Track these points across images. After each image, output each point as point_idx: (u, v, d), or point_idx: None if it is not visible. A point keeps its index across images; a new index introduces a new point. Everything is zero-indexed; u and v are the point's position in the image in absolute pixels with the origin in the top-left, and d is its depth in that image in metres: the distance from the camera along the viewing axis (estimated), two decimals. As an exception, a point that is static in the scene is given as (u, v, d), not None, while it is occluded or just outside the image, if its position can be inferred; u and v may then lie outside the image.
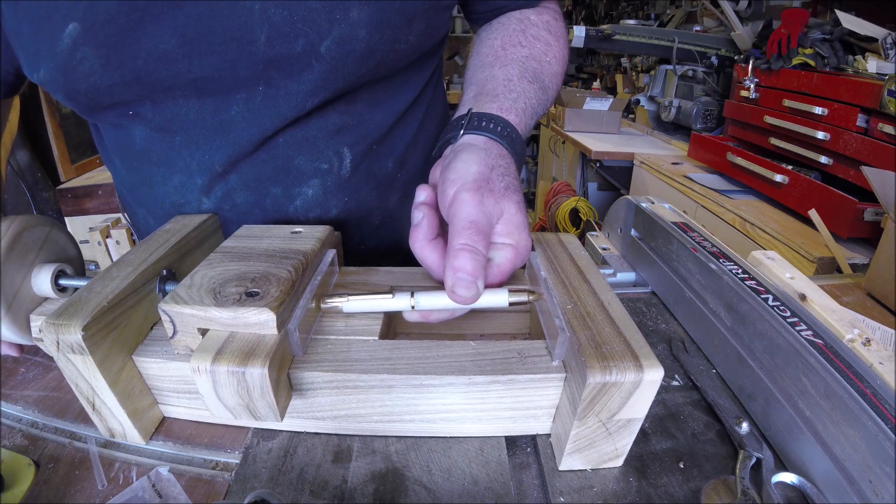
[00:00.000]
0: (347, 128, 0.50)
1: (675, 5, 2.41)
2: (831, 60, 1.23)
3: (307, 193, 0.51)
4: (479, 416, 0.35)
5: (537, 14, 0.56)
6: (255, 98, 0.45)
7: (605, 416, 0.32)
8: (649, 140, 2.08)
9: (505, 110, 0.44)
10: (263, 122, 0.46)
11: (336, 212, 0.53)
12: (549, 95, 0.52)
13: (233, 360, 0.30)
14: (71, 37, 0.40)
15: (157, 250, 0.40)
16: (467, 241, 0.33)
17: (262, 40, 0.42)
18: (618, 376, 0.30)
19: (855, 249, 1.03)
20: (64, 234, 0.44)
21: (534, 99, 0.48)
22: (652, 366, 0.30)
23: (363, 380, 0.33)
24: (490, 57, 0.51)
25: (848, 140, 1.09)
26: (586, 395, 0.30)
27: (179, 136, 0.47)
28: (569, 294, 0.38)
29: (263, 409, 0.31)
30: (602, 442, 0.33)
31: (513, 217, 0.37)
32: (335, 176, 0.51)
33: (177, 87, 0.43)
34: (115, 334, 0.33)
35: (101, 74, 0.42)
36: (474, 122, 0.42)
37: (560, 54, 0.55)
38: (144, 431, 0.36)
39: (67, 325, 0.30)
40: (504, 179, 0.38)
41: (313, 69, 0.44)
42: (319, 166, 0.50)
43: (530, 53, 0.51)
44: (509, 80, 0.47)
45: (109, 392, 0.33)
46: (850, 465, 0.30)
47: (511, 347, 0.35)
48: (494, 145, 0.40)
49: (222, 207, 0.51)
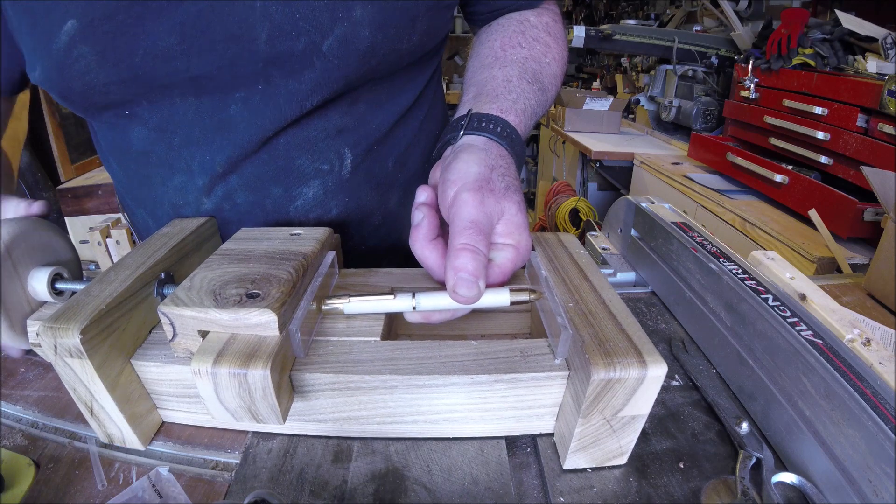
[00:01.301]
0: (349, 128, 0.50)
1: (675, 5, 2.41)
2: (831, 60, 1.23)
3: (308, 194, 0.51)
4: (483, 415, 0.35)
5: (537, 16, 0.56)
6: (254, 97, 0.45)
7: (609, 413, 0.32)
8: (649, 140, 2.08)
9: (504, 111, 0.44)
10: (264, 122, 0.46)
11: (337, 212, 0.53)
12: (548, 96, 0.52)
13: (234, 362, 0.30)
14: (68, 34, 0.40)
15: (154, 253, 0.40)
16: (468, 240, 0.33)
17: (262, 38, 0.41)
18: (622, 372, 0.30)
19: (855, 249, 1.03)
20: (60, 237, 0.44)
21: (533, 100, 0.48)
22: (655, 361, 0.30)
23: (366, 381, 0.33)
24: (489, 58, 0.51)
25: (848, 140, 1.09)
26: (590, 392, 0.30)
27: (178, 135, 0.47)
28: (570, 292, 0.38)
29: (265, 412, 0.31)
30: (606, 439, 0.33)
31: (513, 217, 0.37)
32: (336, 176, 0.51)
33: (174, 85, 0.43)
34: (113, 338, 0.33)
35: (97, 72, 0.41)
36: (474, 123, 0.42)
37: (559, 56, 0.55)
38: (144, 437, 0.36)
39: (65, 328, 0.30)
40: (504, 180, 0.38)
41: (314, 68, 0.44)
42: (320, 167, 0.50)
43: (530, 55, 0.51)
44: (509, 81, 0.47)
45: (108, 397, 0.33)
46: (850, 465, 0.30)
47: (513, 346, 0.35)
48: (494, 146, 0.40)
49: (223, 207, 0.50)
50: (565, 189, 2.21)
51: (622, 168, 1.89)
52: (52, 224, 0.44)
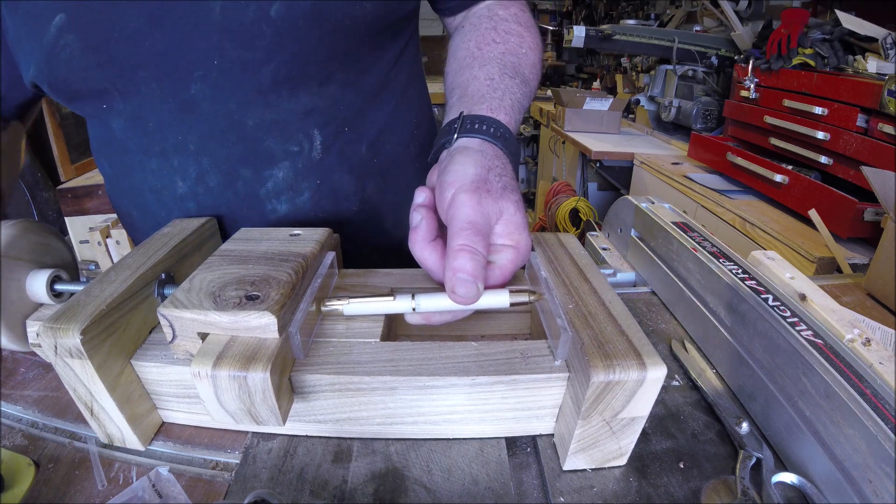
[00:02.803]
0: (318, 109, 0.51)
1: (675, 5, 2.41)
2: (831, 60, 1.23)
3: (278, 175, 0.53)
4: (483, 416, 0.35)
5: (504, 9, 0.56)
6: (211, 73, 0.47)
7: (608, 414, 0.32)
8: (649, 140, 2.08)
9: (494, 110, 0.44)
10: (227, 101, 0.48)
11: (309, 194, 0.54)
12: (530, 87, 0.52)
13: (234, 365, 0.30)
14: (56, 26, 0.44)
15: (154, 254, 0.40)
16: (466, 241, 0.33)
17: (216, 10, 0.44)
18: (621, 375, 0.30)
19: (855, 249, 1.02)
20: (59, 240, 0.44)
21: (518, 93, 0.48)
22: (655, 363, 0.30)
23: (366, 382, 0.33)
24: (468, 59, 0.52)
25: (848, 140, 1.09)
26: (590, 394, 0.30)
27: (151, 121, 0.49)
28: (570, 294, 0.38)
29: (265, 414, 0.31)
30: (606, 441, 0.33)
31: (512, 217, 0.37)
32: (306, 158, 0.53)
33: (140, 66, 0.46)
34: (113, 338, 0.33)
35: (80, 58, 0.45)
36: (467, 125, 0.42)
37: (534, 44, 0.56)
38: (144, 437, 0.36)
39: (66, 328, 0.30)
40: (501, 180, 0.38)
41: (265, 35, 0.45)
42: (290, 148, 0.52)
43: (506, 49, 0.52)
44: (491, 79, 0.48)
45: (108, 397, 0.33)
46: (850, 465, 0.30)
47: (514, 348, 0.35)
48: (489, 147, 0.41)
49: (197, 191, 0.52)
50: (565, 189, 2.21)
51: (622, 168, 1.89)
52: (50, 226, 0.44)
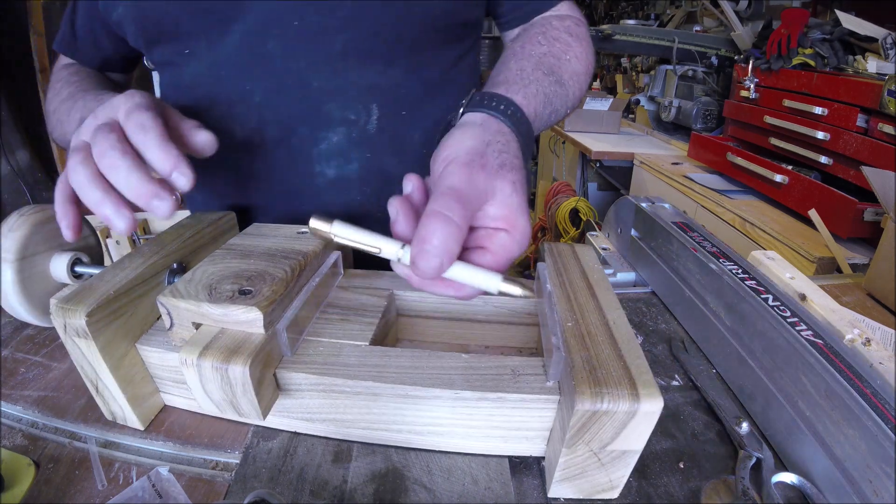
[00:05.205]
0: (380, 87, 0.54)
1: (675, 5, 2.41)
2: (831, 60, 1.23)
3: (332, 139, 0.54)
4: (468, 431, 0.33)
5: (559, 20, 0.58)
6: (288, 33, 0.49)
7: (596, 445, 0.29)
8: (649, 140, 2.08)
9: (512, 92, 0.42)
10: (298, 61, 0.51)
11: (357, 165, 0.56)
12: (567, 91, 0.51)
13: (217, 356, 0.30)
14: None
15: (170, 244, 0.41)
16: (440, 207, 0.28)
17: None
18: (610, 405, 0.27)
19: (855, 249, 1.02)
20: (86, 225, 0.46)
21: (548, 88, 0.46)
22: (650, 395, 0.28)
23: (349, 385, 0.33)
24: (508, 56, 0.51)
25: (848, 140, 1.09)
26: (574, 422, 0.28)
27: (225, 69, 0.52)
28: (572, 310, 0.36)
29: (246, 406, 0.32)
30: (594, 472, 0.31)
31: (507, 198, 0.32)
32: (361, 128, 0.54)
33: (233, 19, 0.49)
34: (119, 322, 0.34)
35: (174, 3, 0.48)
36: (475, 101, 0.40)
37: (581, 55, 0.55)
38: (144, 417, 0.37)
39: (74, 309, 0.31)
40: (501, 156, 0.33)
41: (344, 6, 0.49)
42: (347, 115, 0.53)
43: (548, 51, 0.52)
44: (522, 70, 0.46)
45: (111, 377, 0.34)
46: (850, 465, 0.30)
47: (505, 364, 0.33)
48: (493, 121, 0.37)
49: (252, 140, 0.54)
50: (565, 189, 2.21)
51: (622, 168, 1.89)
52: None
